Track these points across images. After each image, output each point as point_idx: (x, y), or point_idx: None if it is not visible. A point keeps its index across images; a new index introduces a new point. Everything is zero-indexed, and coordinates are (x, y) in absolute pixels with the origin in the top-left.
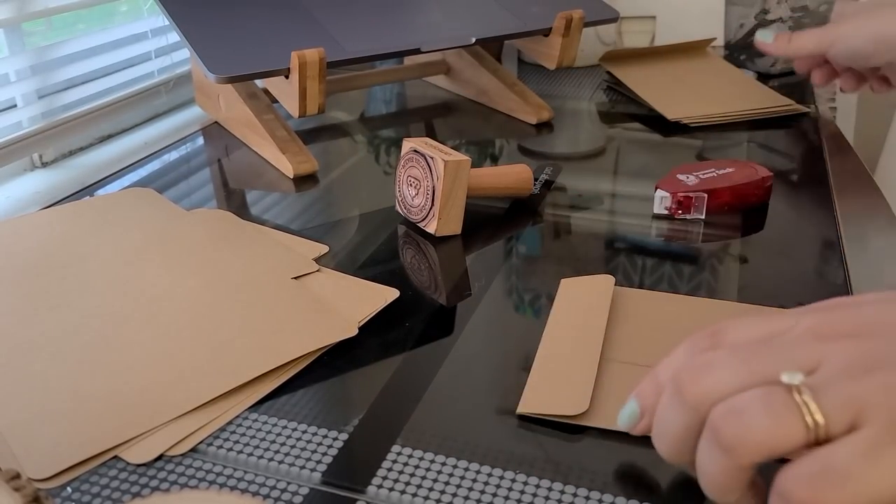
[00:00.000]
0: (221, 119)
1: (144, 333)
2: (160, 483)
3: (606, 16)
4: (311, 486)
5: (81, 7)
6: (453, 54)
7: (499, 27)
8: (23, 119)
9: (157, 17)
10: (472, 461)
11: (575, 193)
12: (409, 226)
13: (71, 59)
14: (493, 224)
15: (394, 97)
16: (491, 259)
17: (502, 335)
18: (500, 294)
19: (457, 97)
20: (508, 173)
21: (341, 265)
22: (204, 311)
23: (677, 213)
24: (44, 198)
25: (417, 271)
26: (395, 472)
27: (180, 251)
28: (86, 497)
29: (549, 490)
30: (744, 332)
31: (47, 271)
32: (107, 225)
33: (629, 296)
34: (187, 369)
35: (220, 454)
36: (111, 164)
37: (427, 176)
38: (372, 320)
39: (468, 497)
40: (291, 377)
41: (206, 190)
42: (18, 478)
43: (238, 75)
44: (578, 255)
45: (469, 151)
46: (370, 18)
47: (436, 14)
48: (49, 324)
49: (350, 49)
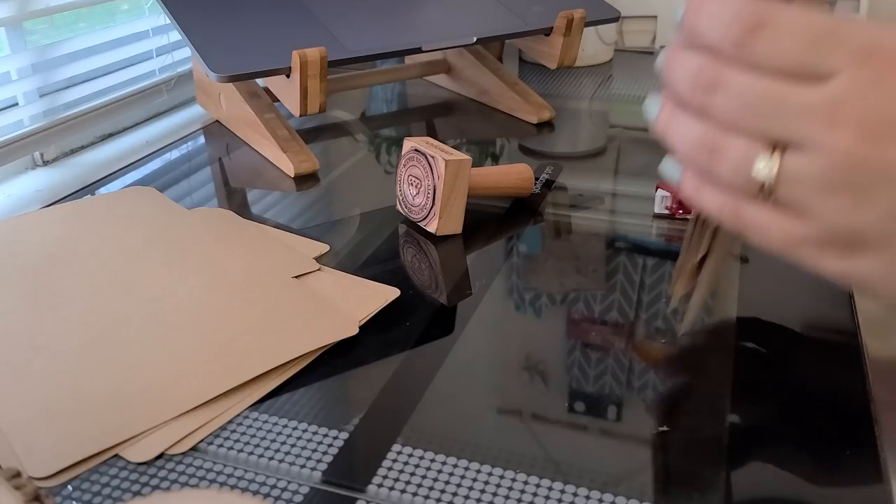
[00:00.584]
0: (222, 118)
1: (145, 332)
2: (161, 482)
3: (608, 15)
4: (311, 485)
5: (83, 6)
6: (454, 53)
7: (500, 26)
8: (24, 117)
9: (159, 15)
10: (472, 461)
11: (576, 193)
12: (409, 225)
13: (72, 58)
14: (493, 223)
15: (395, 96)
16: (491, 258)
17: (503, 335)
18: (500, 294)
19: (458, 96)
20: (509, 173)
21: (342, 264)
22: (205, 309)
23: (678, 212)
24: (45, 196)
25: (418, 271)
26: (395, 472)
27: (181, 250)
28: (86, 496)
29: (550, 490)
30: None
31: (48, 270)
32: (108, 224)
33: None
34: (188, 368)
35: (220, 453)
36: (112, 163)
37: (428, 175)
38: (372, 319)
39: (468, 497)
40: (292, 376)
41: (206, 189)
42: (19, 476)
43: (239, 74)
44: (579, 255)
45: (470, 151)
46: (371, 17)
47: (437, 13)
48: (50, 322)
49: (351, 48)
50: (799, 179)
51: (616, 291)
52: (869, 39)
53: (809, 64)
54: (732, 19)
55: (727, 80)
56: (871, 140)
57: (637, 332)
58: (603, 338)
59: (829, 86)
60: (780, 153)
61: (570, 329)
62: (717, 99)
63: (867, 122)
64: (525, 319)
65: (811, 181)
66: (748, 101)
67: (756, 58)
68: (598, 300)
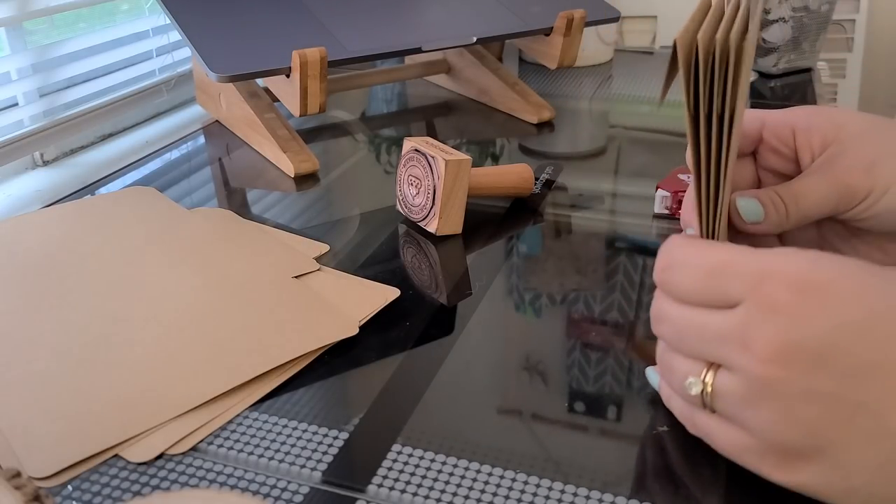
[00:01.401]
0: (222, 118)
1: (145, 332)
2: (161, 482)
3: (608, 15)
4: (311, 485)
5: (83, 6)
6: (454, 54)
7: (500, 26)
8: (24, 117)
9: (159, 15)
10: (472, 461)
11: (576, 193)
12: (409, 225)
13: (72, 58)
14: (493, 223)
15: (395, 96)
16: (491, 258)
17: (503, 335)
18: (500, 294)
19: (458, 96)
20: (509, 173)
21: (342, 264)
22: (205, 309)
23: (678, 212)
24: (45, 196)
25: (418, 271)
26: (395, 472)
27: (181, 250)
28: (86, 496)
29: (550, 490)
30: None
31: (48, 270)
32: (108, 224)
33: None
34: (188, 368)
35: (220, 453)
36: (112, 163)
37: (428, 175)
38: (372, 319)
39: (468, 497)
40: (292, 376)
41: (206, 189)
42: (19, 476)
43: (239, 74)
44: (579, 255)
45: (470, 151)
46: (371, 17)
47: (437, 13)
48: (50, 323)
49: (351, 48)
50: (729, 395)
51: (616, 291)
52: (759, 266)
53: (713, 295)
54: (657, 262)
55: (665, 312)
56: (778, 362)
57: (637, 332)
58: (603, 338)
59: (735, 313)
60: (715, 371)
61: (570, 329)
62: (661, 328)
63: (771, 346)
64: (525, 319)
65: (738, 397)
66: (678, 329)
67: (675, 293)
68: (598, 300)
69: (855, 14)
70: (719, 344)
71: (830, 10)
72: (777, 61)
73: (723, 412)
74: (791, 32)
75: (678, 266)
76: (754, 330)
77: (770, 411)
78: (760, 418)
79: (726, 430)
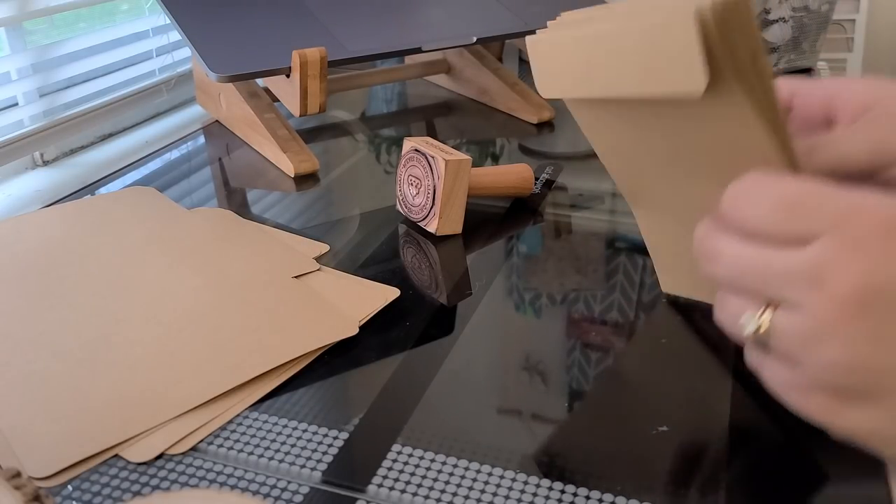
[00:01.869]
0: (222, 118)
1: (145, 332)
2: (161, 482)
3: None
4: (311, 485)
5: (83, 6)
6: (454, 53)
7: (500, 26)
8: (24, 117)
9: (159, 15)
10: (472, 461)
11: (576, 193)
12: (409, 225)
13: (72, 58)
14: (493, 223)
15: (395, 96)
16: (491, 258)
17: (503, 335)
18: (500, 294)
19: (458, 96)
20: (509, 173)
21: (342, 264)
22: (204, 309)
23: None
24: (45, 196)
25: (418, 270)
26: (395, 472)
27: (181, 250)
28: (86, 496)
29: (550, 490)
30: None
31: (48, 270)
32: (108, 224)
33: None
34: (188, 368)
35: (220, 453)
36: (112, 163)
37: (428, 175)
38: (372, 319)
39: (468, 497)
40: (292, 376)
41: (206, 189)
42: (19, 476)
43: (239, 74)
44: (579, 255)
45: (470, 151)
46: (371, 17)
47: (437, 13)
48: (50, 323)
49: (351, 48)
50: (788, 334)
51: (616, 291)
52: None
53: (789, 228)
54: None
55: (722, 249)
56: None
57: (637, 332)
58: (603, 338)
59: (811, 249)
60: (773, 310)
61: (570, 329)
62: (716, 267)
63: (849, 285)
64: (525, 319)
65: (800, 336)
66: (738, 268)
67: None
68: (598, 300)
69: (855, 14)
70: (785, 281)
71: (830, 10)
72: (777, 61)
73: (778, 350)
74: (791, 32)
75: (754, 196)
76: (832, 268)
77: (834, 353)
78: (821, 359)
79: (776, 365)
